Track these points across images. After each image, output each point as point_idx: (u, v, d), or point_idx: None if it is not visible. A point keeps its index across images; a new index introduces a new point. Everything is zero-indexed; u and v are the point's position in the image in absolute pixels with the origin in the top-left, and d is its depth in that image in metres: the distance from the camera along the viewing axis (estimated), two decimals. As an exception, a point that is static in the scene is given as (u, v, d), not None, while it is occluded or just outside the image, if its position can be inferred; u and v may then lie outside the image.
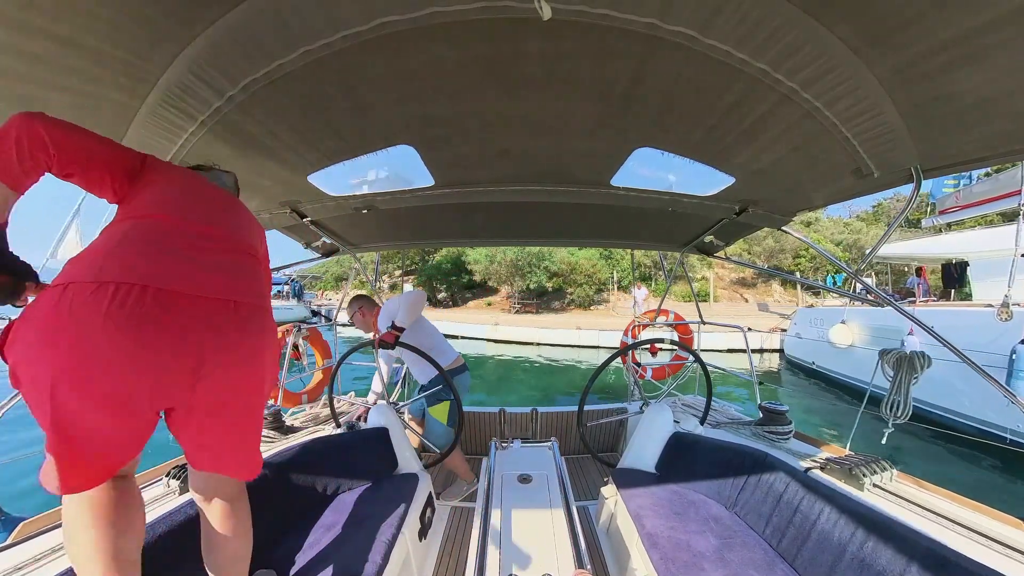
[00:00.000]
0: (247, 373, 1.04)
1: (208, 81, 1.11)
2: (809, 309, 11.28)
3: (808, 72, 1.04)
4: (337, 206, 2.19)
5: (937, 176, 1.49)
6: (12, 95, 1.06)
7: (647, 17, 0.90)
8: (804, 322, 10.95)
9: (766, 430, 2.31)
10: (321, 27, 0.95)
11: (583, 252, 21.77)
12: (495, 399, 8.85)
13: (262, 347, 1.07)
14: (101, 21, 0.89)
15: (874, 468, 1.75)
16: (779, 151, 1.47)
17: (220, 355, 0.96)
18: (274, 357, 1.14)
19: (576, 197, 2.01)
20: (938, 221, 10.51)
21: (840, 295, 11.18)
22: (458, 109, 1.31)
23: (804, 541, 1.48)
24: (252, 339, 1.03)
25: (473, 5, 0.89)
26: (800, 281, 18.86)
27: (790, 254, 22.02)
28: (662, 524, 1.71)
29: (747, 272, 22.87)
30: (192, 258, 0.97)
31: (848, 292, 2.62)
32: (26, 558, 1.22)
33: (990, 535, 1.39)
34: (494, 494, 1.77)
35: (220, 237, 1.07)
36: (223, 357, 0.97)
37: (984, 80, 0.99)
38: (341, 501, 1.86)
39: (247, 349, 1.02)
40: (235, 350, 0.99)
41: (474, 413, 3.37)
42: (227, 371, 0.98)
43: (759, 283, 22.39)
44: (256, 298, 1.07)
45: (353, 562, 1.43)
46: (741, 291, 22.16)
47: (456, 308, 23.61)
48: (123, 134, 1.30)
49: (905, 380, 1.97)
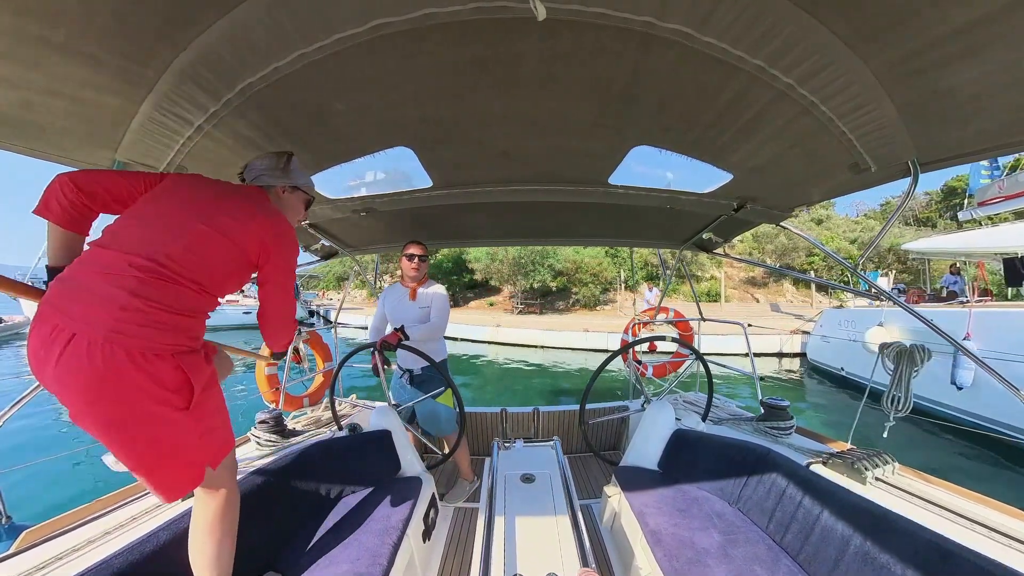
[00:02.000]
0: (93, 408, 0.98)
1: (204, 85, 1.11)
2: (838, 310, 10.39)
3: (804, 68, 1.04)
4: (336, 209, 2.19)
5: (934, 170, 1.49)
6: (9, 101, 1.06)
7: (643, 16, 0.90)
8: (831, 324, 10.04)
9: (768, 426, 2.32)
10: (316, 30, 0.95)
11: (588, 250, 20.92)
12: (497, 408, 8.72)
13: (76, 381, 0.96)
14: (96, 27, 0.89)
15: (876, 462, 1.75)
16: (776, 147, 1.47)
17: (63, 388, 0.97)
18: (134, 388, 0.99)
19: (574, 196, 2.01)
20: (977, 214, 9.49)
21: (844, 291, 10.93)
22: (455, 110, 1.31)
23: (807, 536, 1.48)
24: (70, 371, 0.95)
25: (468, 6, 0.89)
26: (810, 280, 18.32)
27: (803, 252, 21.24)
28: (665, 521, 1.71)
29: (757, 271, 22.38)
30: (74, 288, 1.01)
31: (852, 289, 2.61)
32: (30, 566, 1.21)
33: (992, 526, 1.39)
34: (497, 494, 1.77)
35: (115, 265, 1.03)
36: (66, 390, 0.98)
37: (980, 74, 0.99)
38: (345, 504, 1.86)
39: (65, 380, 0.97)
40: (72, 386, 0.97)
41: (476, 413, 3.37)
42: (74, 404, 0.98)
43: (770, 282, 21.74)
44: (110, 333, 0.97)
45: (358, 564, 1.43)
46: (751, 291, 21.55)
47: (457, 308, 23.36)
48: (120, 139, 1.30)
49: (906, 373, 1.97)
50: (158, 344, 1.02)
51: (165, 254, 1.06)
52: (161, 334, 1.03)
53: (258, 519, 1.28)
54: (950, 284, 9.49)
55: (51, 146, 1.28)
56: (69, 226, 1.13)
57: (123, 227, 1.12)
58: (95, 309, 0.98)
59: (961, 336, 5.92)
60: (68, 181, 1.10)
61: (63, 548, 1.30)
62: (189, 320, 1.10)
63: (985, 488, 1.62)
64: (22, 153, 1.28)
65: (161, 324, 1.03)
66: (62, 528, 1.41)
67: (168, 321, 1.04)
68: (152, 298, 1.02)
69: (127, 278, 1.01)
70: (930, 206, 28.39)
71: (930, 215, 27.45)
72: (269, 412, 2.39)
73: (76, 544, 1.32)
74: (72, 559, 1.26)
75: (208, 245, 1.13)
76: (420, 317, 2.50)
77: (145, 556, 1.18)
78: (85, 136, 1.25)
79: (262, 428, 2.31)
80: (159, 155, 1.39)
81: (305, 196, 1.49)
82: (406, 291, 2.55)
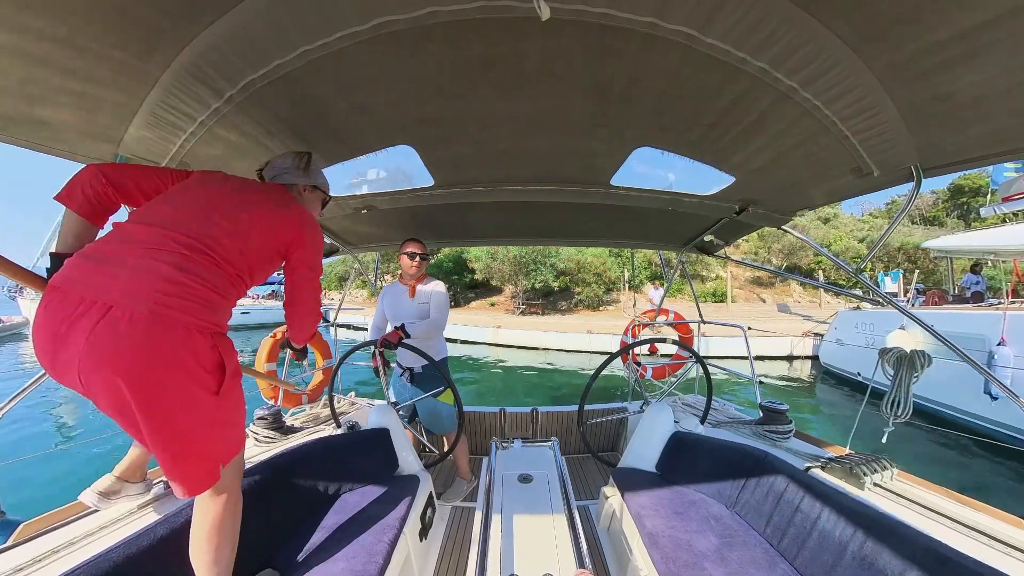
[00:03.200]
0: (127, 383, 0.92)
1: (207, 81, 1.11)
2: (854, 312, 9.84)
3: (808, 71, 1.03)
4: (336, 206, 2.19)
5: (937, 175, 1.48)
6: (12, 95, 1.06)
7: (646, 16, 0.90)
8: (847, 327, 9.56)
9: (767, 429, 2.31)
10: (319, 27, 0.95)
11: (591, 249, 20.42)
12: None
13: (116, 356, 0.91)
14: (100, 22, 0.89)
15: (874, 467, 1.75)
16: (778, 150, 1.47)
17: (91, 361, 0.91)
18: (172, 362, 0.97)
19: (576, 197, 2.01)
20: (1001, 209, 8.89)
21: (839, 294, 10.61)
22: (457, 109, 1.31)
23: (805, 540, 1.48)
24: (122, 343, 0.91)
25: (472, 4, 0.89)
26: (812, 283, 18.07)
27: (811, 251, 20.57)
28: (663, 523, 1.71)
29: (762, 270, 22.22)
30: (102, 260, 0.99)
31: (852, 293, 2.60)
32: (26, 559, 1.22)
33: (990, 533, 1.39)
34: (495, 494, 1.77)
35: (152, 240, 1.01)
36: (94, 363, 0.91)
37: (983, 78, 0.99)
38: (343, 502, 1.86)
39: (117, 356, 0.91)
40: (105, 357, 0.91)
41: (475, 413, 3.37)
42: (103, 378, 0.92)
43: (776, 282, 21.34)
44: (150, 303, 0.94)
45: (355, 562, 1.43)
46: (758, 291, 21.19)
47: (458, 309, 23.31)
48: (122, 135, 1.30)
49: (905, 379, 1.96)
50: (200, 320, 1.01)
51: (208, 235, 1.08)
52: (203, 310, 1.02)
53: (255, 516, 1.28)
54: (972, 285, 8.95)
55: (53, 140, 1.28)
56: (89, 216, 1.14)
57: (155, 211, 1.12)
58: (135, 282, 0.95)
59: (995, 341, 5.61)
60: (99, 173, 1.13)
61: (60, 542, 1.30)
62: (225, 303, 1.11)
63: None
64: (25, 147, 1.28)
65: (204, 301, 1.03)
66: (59, 522, 1.41)
67: (210, 299, 1.05)
68: (197, 274, 1.03)
69: (172, 253, 1.02)
70: (937, 205, 28.13)
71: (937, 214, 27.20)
72: (268, 408, 2.39)
73: (73, 538, 1.32)
74: (69, 553, 1.26)
75: (249, 232, 1.16)
76: (420, 313, 2.51)
77: (142, 550, 1.18)
78: (87, 130, 1.26)
79: (260, 424, 2.32)
80: (161, 150, 1.39)
81: (323, 195, 1.54)
82: (405, 288, 2.56)
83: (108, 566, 1.11)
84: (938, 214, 27.10)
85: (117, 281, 0.95)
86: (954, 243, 8.94)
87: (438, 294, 2.55)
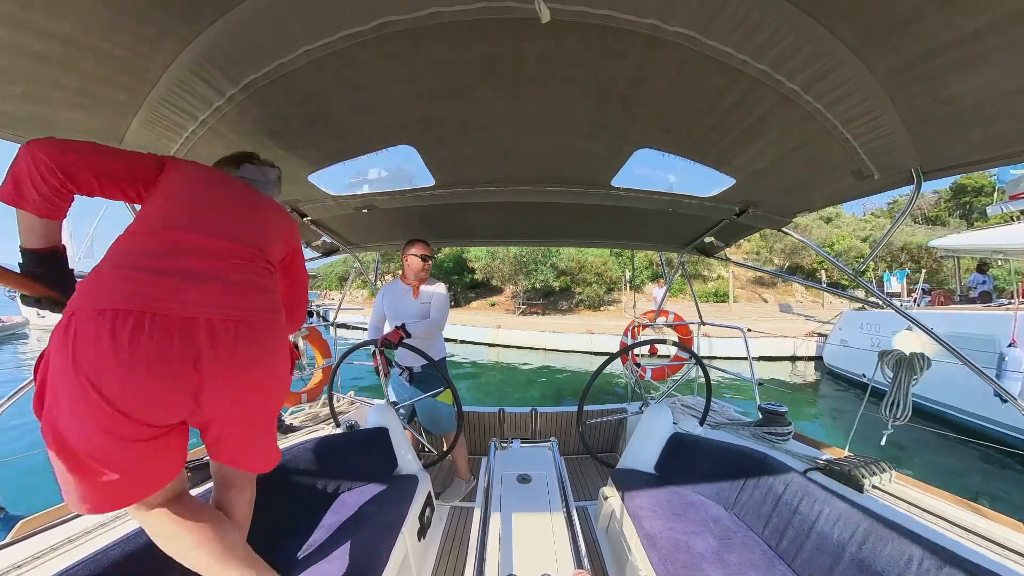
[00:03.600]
0: (251, 385, 1.06)
1: (208, 80, 1.11)
2: (859, 312, 9.60)
3: (809, 73, 1.03)
4: (337, 205, 2.19)
5: (937, 178, 1.48)
6: (13, 93, 1.06)
7: (648, 18, 0.90)
8: (852, 327, 9.39)
9: (765, 431, 2.31)
10: (321, 27, 0.95)
11: (592, 249, 20.26)
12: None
13: (261, 357, 1.07)
14: (102, 20, 0.89)
15: (873, 469, 1.75)
16: (779, 152, 1.47)
17: (220, 373, 0.96)
18: (283, 360, 1.16)
19: (576, 198, 2.01)
20: (1009, 208, 8.58)
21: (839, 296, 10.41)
22: (458, 109, 1.31)
23: (803, 542, 1.48)
24: (250, 352, 1.03)
25: (474, 5, 0.89)
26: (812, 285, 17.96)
27: (814, 251, 20.37)
28: (661, 525, 1.71)
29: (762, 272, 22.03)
30: (190, 277, 0.96)
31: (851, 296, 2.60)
32: (25, 556, 1.22)
33: (988, 536, 1.39)
34: (493, 494, 1.77)
35: (226, 252, 1.05)
36: (223, 374, 0.97)
37: (984, 82, 0.99)
38: (342, 501, 1.86)
39: (245, 363, 1.02)
40: (233, 366, 0.99)
41: (474, 413, 3.37)
42: (229, 387, 1.00)
43: (779, 282, 21.21)
44: (260, 312, 1.07)
45: (353, 562, 1.43)
46: (760, 291, 21.07)
47: (458, 308, 23.31)
48: (123, 133, 1.30)
49: (904, 381, 1.96)
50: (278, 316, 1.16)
51: (256, 242, 1.15)
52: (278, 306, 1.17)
53: (254, 514, 1.28)
54: (979, 284, 8.74)
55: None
56: (49, 215, 0.95)
57: (202, 218, 1.06)
58: (238, 296, 1.03)
59: (1006, 343, 5.44)
60: (47, 161, 0.89)
61: (58, 538, 1.30)
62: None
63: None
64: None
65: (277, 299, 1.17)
66: (57, 519, 1.41)
67: (277, 302, 1.18)
68: (271, 282, 1.17)
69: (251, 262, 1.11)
70: (939, 204, 28.08)
71: (939, 213, 27.14)
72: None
73: (71, 534, 1.32)
74: (67, 549, 1.26)
75: (277, 240, 1.24)
76: (421, 313, 2.52)
77: (141, 547, 1.18)
78: (88, 129, 1.26)
79: (260, 423, 2.31)
80: (162, 148, 1.39)
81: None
82: (408, 288, 2.56)
83: (107, 563, 1.11)
84: (940, 214, 27.06)
85: (225, 296, 1.00)
86: (961, 242, 8.76)
87: (439, 295, 2.56)
